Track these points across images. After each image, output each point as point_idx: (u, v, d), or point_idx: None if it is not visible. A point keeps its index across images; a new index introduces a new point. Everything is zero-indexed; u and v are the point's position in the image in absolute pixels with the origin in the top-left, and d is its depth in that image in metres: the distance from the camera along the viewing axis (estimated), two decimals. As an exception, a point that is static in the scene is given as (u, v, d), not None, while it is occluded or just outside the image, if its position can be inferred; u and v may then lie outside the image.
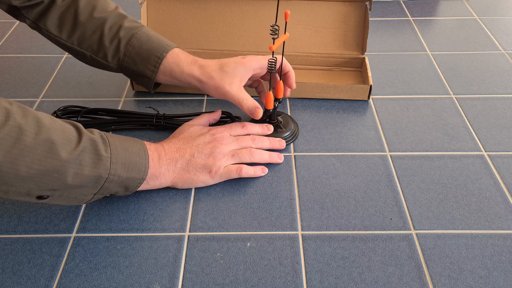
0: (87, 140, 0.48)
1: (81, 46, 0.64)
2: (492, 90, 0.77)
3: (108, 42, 0.63)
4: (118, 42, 0.63)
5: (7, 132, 0.42)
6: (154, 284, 0.49)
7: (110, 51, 0.63)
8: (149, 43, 0.63)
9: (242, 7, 0.81)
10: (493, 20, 0.98)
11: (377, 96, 0.76)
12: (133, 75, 0.65)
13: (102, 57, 0.64)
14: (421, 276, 0.50)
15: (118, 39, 0.63)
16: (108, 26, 0.63)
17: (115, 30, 0.63)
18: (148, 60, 0.63)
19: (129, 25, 0.64)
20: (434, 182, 0.60)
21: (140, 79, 0.65)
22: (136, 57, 0.63)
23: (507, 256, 0.52)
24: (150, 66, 0.63)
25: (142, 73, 0.64)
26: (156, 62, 0.63)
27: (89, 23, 0.63)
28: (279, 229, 0.55)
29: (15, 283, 0.50)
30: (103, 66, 0.65)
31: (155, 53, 0.63)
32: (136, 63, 0.63)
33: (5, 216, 0.57)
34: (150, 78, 0.64)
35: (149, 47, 0.63)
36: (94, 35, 0.63)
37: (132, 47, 0.63)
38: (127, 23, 0.64)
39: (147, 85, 0.65)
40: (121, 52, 0.63)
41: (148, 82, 0.65)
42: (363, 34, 0.79)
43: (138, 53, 0.63)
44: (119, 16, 0.64)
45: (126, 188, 0.54)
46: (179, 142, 0.60)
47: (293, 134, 0.67)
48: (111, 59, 0.63)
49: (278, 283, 0.49)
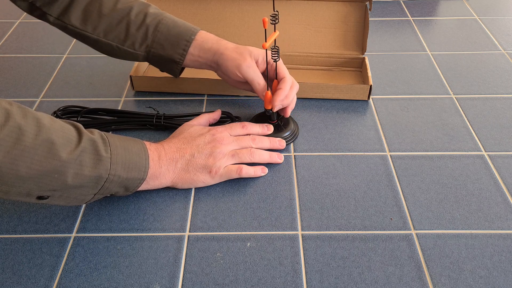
0: (87, 141, 0.48)
1: (107, 37, 0.64)
2: (492, 90, 0.77)
3: (135, 29, 0.63)
4: (146, 29, 0.64)
5: (7, 133, 0.42)
6: (154, 284, 0.49)
7: (138, 39, 0.64)
8: (176, 28, 0.64)
9: (242, 7, 0.81)
10: (493, 20, 0.98)
11: (377, 96, 0.76)
12: (160, 61, 0.66)
13: (129, 46, 0.64)
14: (421, 276, 0.50)
15: (145, 26, 0.63)
16: (134, 14, 0.64)
17: (142, 18, 0.64)
18: (178, 44, 0.64)
19: (154, 12, 0.65)
20: (434, 182, 0.60)
21: (167, 65, 0.66)
22: (164, 42, 0.64)
23: (507, 256, 0.52)
24: (179, 50, 0.64)
25: (170, 57, 0.65)
26: (186, 45, 0.64)
27: (114, 13, 0.64)
28: (279, 229, 0.55)
29: (15, 283, 0.50)
30: (130, 55, 0.65)
31: (184, 37, 0.64)
32: (164, 48, 0.64)
33: (5, 216, 0.57)
34: (178, 63, 0.65)
35: (177, 31, 0.64)
36: (120, 24, 0.64)
37: (160, 33, 0.64)
38: (152, 9, 0.65)
39: (174, 70, 0.67)
40: (149, 39, 0.64)
41: (175, 67, 0.66)
42: (363, 34, 0.79)
43: (166, 38, 0.64)
44: (143, 4, 0.65)
45: (126, 188, 0.54)
46: (179, 142, 0.60)
47: (293, 134, 0.67)
48: (138, 46, 0.64)
49: (278, 283, 0.49)
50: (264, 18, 0.55)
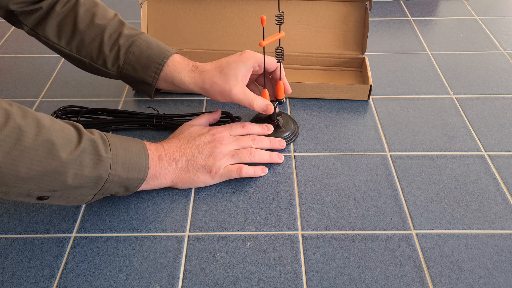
0: (87, 141, 0.48)
1: (79, 53, 0.63)
2: (492, 90, 0.77)
3: (107, 49, 0.62)
4: (118, 50, 0.62)
5: (7, 133, 0.42)
6: (154, 284, 0.49)
7: (109, 59, 0.63)
8: (149, 50, 0.63)
9: (242, 7, 0.81)
10: (493, 20, 0.98)
11: (377, 96, 0.76)
12: (133, 82, 0.65)
13: (102, 64, 0.63)
14: (421, 276, 0.50)
15: (118, 46, 0.62)
16: (108, 34, 0.62)
17: (115, 38, 0.63)
18: (149, 67, 0.63)
19: (128, 33, 0.63)
20: (434, 182, 0.60)
21: (140, 86, 0.65)
22: (136, 64, 0.63)
23: (507, 256, 0.52)
24: (150, 73, 0.63)
25: (142, 79, 0.63)
26: (157, 68, 0.62)
27: (88, 30, 0.63)
28: (279, 229, 0.55)
29: (15, 283, 0.50)
30: (103, 73, 0.64)
31: (156, 60, 0.62)
32: (136, 70, 0.63)
33: (5, 216, 0.57)
34: (151, 85, 0.64)
35: (149, 54, 0.63)
36: (93, 42, 0.63)
37: (132, 54, 0.62)
38: (127, 30, 0.64)
39: (148, 92, 0.65)
40: (121, 60, 0.63)
41: (149, 88, 0.64)
42: (363, 34, 0.79)
43: (138, 60, 0.63)
44: (118, 23, 0.64)
45: (126, 188, 0.54)
46: (179, 142, 0.60)
47: (293, 134, 0.67)
48: (111, 66, 0.63)
49: (278, 283, 0.49)
50: (262, 16, 0.55)
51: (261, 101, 0.63)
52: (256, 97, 0.63)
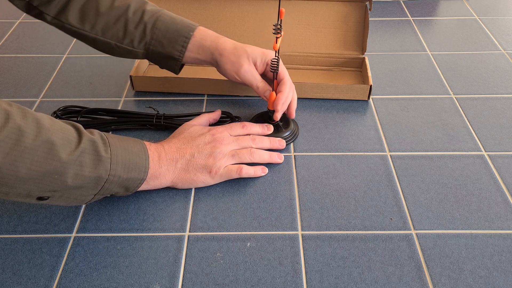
0: (87, 141, 0.48)
1: (105, 35, 0.64)
2: (492, 90, 0.77)
3: (133, 27, 0.63)
4: (144, 27, 0.63)
5: (7, 134, 0.42)
6: (154, 284, 0.49)
7: (136, 37, 0.63)
8: (174, 25, 0.64)
9: (242, 7, 0.81)
10: (493, 20, 0.98)
11: (377, 96, 0.76)
12: (159, 58, 0.66)
13: (128, 44, 0.64)
14: (421, 276, 0.50)
15: (143, 23, 0.63)
16: (131, 12, 0.63)
17: (139, 15, 0.63)
18: (176, 41, 0.64)
19: (151, 9, 0.64)
20: (434, 182, 0.60)
21: (166, 62, 0.66)
22: (163, 40, 0.64)
23: (507, 256, 0.52)
24: (178, 47, 0.64)
25: (169, 54, 0.65)
26: (184, 42, 0.64)
27: (112, 11, 0.63)
28: (279, 229, 0.55)
29: (15, 283, 0.50)
30: (129, 53, 0.65)
31: (182, 34, 0.64)
32: (163, 45, 0.64)
33: (5, 216, 0.57)
34: (177, 60, 0.65)
35: (175, 28, 0.64)
36: (118, 22, 0.63)
37: (159, 30, 0.63)
38: (149, 7, 0.65)
39: (173, 67, 0.66)
40: (148, 36, 0.64)
41: (175, 64, 0.66)
42: (363, 34, 0.79)
43: (164, 35, 0.64)
44: (140, 1, 0.65)
45: (126, 188, 0.54)
46: (179, 142, 0.60)
47: (293, 134, 0.67)
48: (137, 44, 0.64)
49: (278, 283, 0.49)
50: (282, 9, 0.56)
51: (265, 86, 0.65)
52: (263, 81, 0.65)
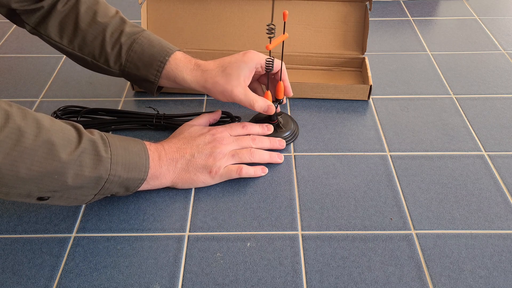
0: (87, 141, 0.48)
1: (82, 51, 0.64)
2: (492, 90, 0.77)
3: (109, 48, 0.62)
4: (119, 48, 0.62)
5: (7, 134, 0.42)
6: (154, 284, 0.49)
7: (112, 57, 0.63)
8: (150, 48, 0.63)
9: (242, 7, 0.81)
10: (493, 20, 0.98)
11: (377, 96, 0.76)
12: (135, 80, 0.65)
13: (104, 63, 0.63)
14: (421, 276, 0.50)
15: (119, 44, 0.62)
16: (109, 32, 0.62)
17: (117, 36, 0.63)
18: (151, 65, 0.63)
19: (130, 30, 0.63)
20: (434, 182, 0.60)
21: (143, 84, 0.65)
22: (138, 63, 0.63)
23: (507, 256, 0.52)
24: (152, 71, 0.63)
25: (145, 78, 0.64)
26: (159, 66, 0.63)
27: (90, 28, 0.63)
28: (279, 229, 0.55)
29: (15, 283, 0.50)
30: (105, 71, 0.65)
31: (158, 58, 0.62)
32: (138, 68, 0.63)
33: (5, 216, 0.57)
34: (153, 83, 0.64)
35: (151, 52, 0.63)
36: (95, 41, 0.63)
37: (134, 53, 0.62)
38: (128, 28, 0.64)
39: (150, 90, 0.65)
40: (123, 58, 0.63)
41: (151, 86, 0.65)
42: (363, 34, 0.79)
43: (140, 59, 0.63)
44: (120, 21, 0.64)
45: (126, 188, 0.54)
46: (179, 142, 0.60)
47: (293, 134, 0.67)
48: (113, 64, 0.63)
49: (278, 283, 0.49)
50: (285, 11, 0.55)
51: (262, 102, 0.63)
52: (257, 98, 0.63)
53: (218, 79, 0.62)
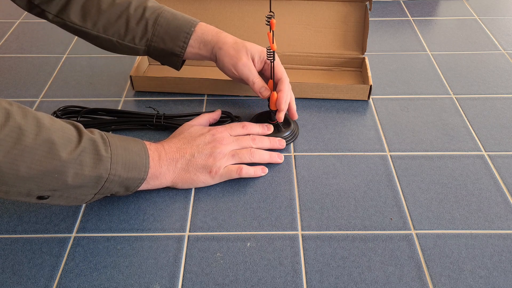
0: (87, 140, 0.48)
1: (107, 33, 0.64)
2: (492, 90, 0.77)
3: (135, 24, 0.64)
4: (145, 23, 0.64)
5: (7, 133, 0.42)
6: (154, 284, 0.49)
7: (137, 33, 0.64)
8: (175, 21, 0.64)
9: (242, 7, 0.81)
10: (493, 20, 0.98)
11: (377, 96, 0.76)
12: (161, 55, 0.66)
13: (130, 41, 0.64)
14: (421, 276, 0.50)
15: (145, 20, 0.64)
16: (133, 9, 0.64)
17: (141, 12, 0.64)
18: (178, 37, 0.64)
19: (153, 5, 0.65)
20: (434, 182, 0.60)
21: (168, 58, 0.67)
22: (164, 36, 0.64)
23: (507, 256, 0.52)
24: (179, 43, 0.64)
25: (171, 50, 0.65)
26: (186, 38, 0.64)
27: (113, 8, 0.64)
28: (279, 229, 0.55)
29: (15, 283, 0.50)
30: (131, 49, 0.66)
31: (184, 29, 0.64)
32: (165, 41, 0.64)
33: (5, 216, 0.57)
34: (179, 56, 0.66)
35: (176, 24, 0.64)
36: (119, 19, 0.64)
37: (160, 26, 0.64)
38: (151, 3, 0.65)
39: (174, 63, 0.67)
40: (149, 33, 0.64)
41: (176, 60, 0.66)
42: (363, 34, 0.79)
43: (166, 32, 0.64)
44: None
45: (126, 188, 0.54)
46: (180, 142, 0.60)
47: (293, 134, 0.67)
48: (138, 41, 0.64)
49: (278, 283, 0.49)
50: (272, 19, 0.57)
51: (261, 83, 0.65)
52: (259, 79, 0.65)
53: (235, 45, 0.65)
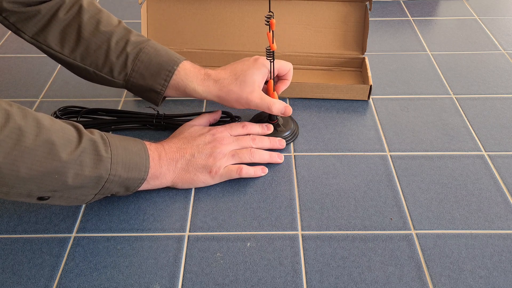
0: (87, 141, 0.48)
1: (84, 62, 0.61)
2: (492, 90, 0.77)
3: (114, 57, 0.60)
4: (126, 57, 0.61)
5: (7, 134, 0.42)
6: (154, 284, 0.49)
7: (116, 67, 0.61)
8: (158, 57, 0.61)
9: (242, 7, 0.81)
10: (493, 20, 0.98)
11: (377, 96, 0.76)
12: (140, 91, 0.63)
13: (107, 73, 0.61)
14: (421, 276, 0.50)
15: (125, 54, 0.60)
16: (114, 41, 0.61)
17: (122, 45, 0.61)
18: (158, 75, 0.61)
19: (136, 39, 0.62)
20: (434, 182, 0.60)
21: (147, 94, 0.63)
22: (145, 72, 0.61)
23: (507, 256, 0.52)
24: (160, 81, 0.61)
25: (151, 87, 0.62)
26: (167, 76, 0.61)
27: (94, 38, 0.61)
28: (279, 229, 0.55)
29: (15, 283, 0.50)
30: (107, 82, 0.62)
31: (165, 67, 0.61)
32: (144, 78, 0.61)
33: (5, 216, 0.57)
34: (159, 93, 0.62)
35: (158, 61, 0.61)
36: (99, 50, 0.61)
37: (141, 62, 0.61)
38: (134, 37, 0.62)
39: (155, 100, 0.63)
40: (129, 68, 0.61)
41: (156, 96, 0.63)
42: (363, 34, 0.79)
43: (147, 68, 0.61)
44: (125, 30, 0.62)
45: (126, 188, 0.54)
46: (180, 142, 0.60)
47: (293, 133, 0.67)
48: (117, 74, 0.61)
49: (278, 283, 0.49)
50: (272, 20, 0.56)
51: (279, 104, 0.63)
52: (274, 101, 0.63)
53: (232, 87, 0.62)
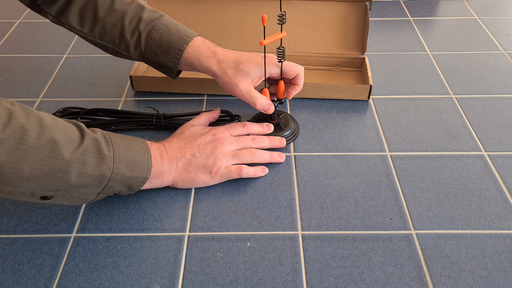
0: (90, 140, 0.48)
1: (103, 39, 0.65)
2: (492, 90, 0.77)
3: (129, 35, 0.64)
4: (138, 35, 0.64)
5: (10, 133, 0.42)
6: (154, 284, 0.49)
7: (131, 44, 0.64)
8: (168, 35, 0.64)
9: (242, 7, 0.81)
10: (493, 20, 0.98)
11: (377, 96, 0.76)
12: (155, 66, 0.67)
13: (124, 49, 0.65)
14: (421, 276, 0.50)
15: (138, 32, 0.64)
16: (128, 20, 0.64)
17: (135, 23, 0.64)
18: (169, 52, 0.64)
19: (148, 17, 0.64)
20: (434, 182, 0.61)
21: (162, 69, 0.67)
22: (157, 49, 0.64)
23: (507, 256, 0.52)
24: (171, 58, 0.64)
25: (163, 64, 0.65)
26: (177, 54, 0.64)
27: (109, 17, 0.64)
28: (279, 229, 0.55)
29: (15, 283, 0.50)
30: (126, 56, 0.66)
31: (175, 45, 0.64)
32: (157, 55, 0.64)
33: (5, 216, 0.57)
34: (172, 69, 0.65)
35: (169, 39, 0.64)
36: (114, 28, 0.64)
37: (153, 40, 0.64)
38: (146, 14, 0.65)
39: (170, 74, 0.67)
40: (142, 45, 0.64)
41: (170, 72, 0.66)
42: (363, 34, 0.79)
43: (159, 46, 0.64)
44: (138, 8, 0.65)
45: (129, 187, 0.54)
46: (180, 142, 0.60)
47: (293, 133, 0.67)
48: (133, 51, 0.65)
49: (278, 283, 0.49)
50: (263, 15, 0.56)
51: (263, 100, 0.64)
52: (260, 97, 0.64)
53: (228, 71, 0.63)
